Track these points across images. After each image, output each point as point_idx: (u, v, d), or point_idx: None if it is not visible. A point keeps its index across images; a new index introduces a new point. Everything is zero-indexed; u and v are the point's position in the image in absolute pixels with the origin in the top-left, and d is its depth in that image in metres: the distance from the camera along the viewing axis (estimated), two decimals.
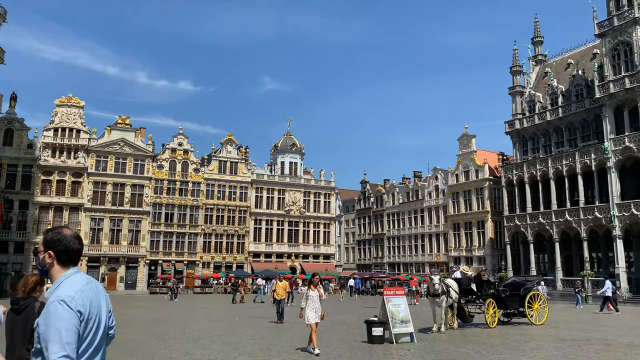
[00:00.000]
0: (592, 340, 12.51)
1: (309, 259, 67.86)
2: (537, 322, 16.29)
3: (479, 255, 56.13)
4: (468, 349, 10.86)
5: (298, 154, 70.34)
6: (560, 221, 47.32)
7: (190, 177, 61.90)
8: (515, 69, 56.22)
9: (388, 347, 11.16)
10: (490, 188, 56.25)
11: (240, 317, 20.49)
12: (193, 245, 61.19)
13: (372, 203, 72.07)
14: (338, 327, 15.90)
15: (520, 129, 53.80)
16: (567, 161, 47.20)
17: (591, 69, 49.11)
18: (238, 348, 11.30)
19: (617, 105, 43.92)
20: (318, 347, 10.25)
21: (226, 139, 65.84)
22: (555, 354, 10.12)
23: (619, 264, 42.74)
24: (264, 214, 66.07)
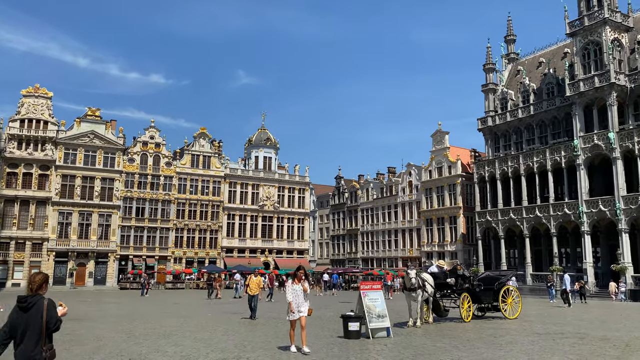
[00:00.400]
0: (565, 333, 12.62)
1: (283, 255, 67.58)
2: (510, 316, 16.41)
3: (450, 250, 56.74)
4: (444, 343, 10.80)
5: (272, 148, 69.88)
6: (530, 217, 48.13)
7: (162, 171, 60.90)
8: (488, 66, 56.89)
9: (365, 342, 11.02)
10: (462, 184, 56.87)
11: (213, 313, 20.15)
12: (165, 240, 60.28)
13: (346, 198, 72.15)
14: (313, 322, 15.70)
15: (492, 126, 54.49)
16: (537, 158, 48.00)
17: (562, 67, 49.98)
18: (211, 345, 11.02)
19: (586, 103, 44.80)
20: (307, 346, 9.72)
21: (199, 132, 64.95)
22: (531, 347, 10.13)
23: (586, 259, 43.72)
24: (238, 209, 65.47)
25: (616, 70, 42.87)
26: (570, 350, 9.71)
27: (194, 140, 64.96)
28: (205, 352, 9.89)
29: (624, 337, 11.88)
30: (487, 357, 8.98)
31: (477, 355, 9.09)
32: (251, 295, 17.47)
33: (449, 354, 9.29)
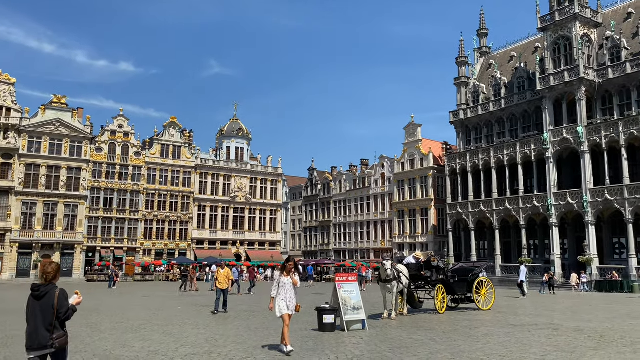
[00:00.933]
0: (539, 325, 12.63)
1: (255, 246, 67.11)
2: (484, 307, 16.42)
3: (421, 241, 57.18)
4: (421, 335, 10.64)
5: (245, 139, 69.10)
6: (500, 209, 48.78)
7: (130, 161, 59.57)
8: (460, 59, 57.25)
9: (340, 335, 10.78)
10: (434, 176, 57.29)
11: (183, 306, 19.66)
12: (133, 232, 59.10)
13: (319, 190, 71.97)
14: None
15: (464, 119, 54.93)
16: (508, 151, 48.59)
17: (533, 62, 50.58)
18: (180, 339, 10.61)
19: (556, 97, 45.48)
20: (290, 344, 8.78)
21: (169, 121, 63.73)
22: (508, 339, 10.04)
23: (554, 251, 44.57)
24: (209, 200, 64.63)
25: (585, 65, 43.60)
26: (547, 342, 9.65)
27: (164, 129, 63.70)
28: (174, 347, 9.49)
29: (597, 328, 11.93)
30: (465, 349, 8.83)
31: (455, 348, 8.94)
32: (221, 289, 16.74)
33: (426, 347, 9.11)
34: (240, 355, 8.54)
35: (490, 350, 8.75)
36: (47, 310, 5.07)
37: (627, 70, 41.93)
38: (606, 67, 43.42)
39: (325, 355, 8.37)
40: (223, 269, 17.47)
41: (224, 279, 16.92)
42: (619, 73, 42.53)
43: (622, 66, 42.42)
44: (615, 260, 42.21)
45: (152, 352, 8.95)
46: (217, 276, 17.24)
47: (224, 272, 17.19)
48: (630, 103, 42.21)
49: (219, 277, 17.08)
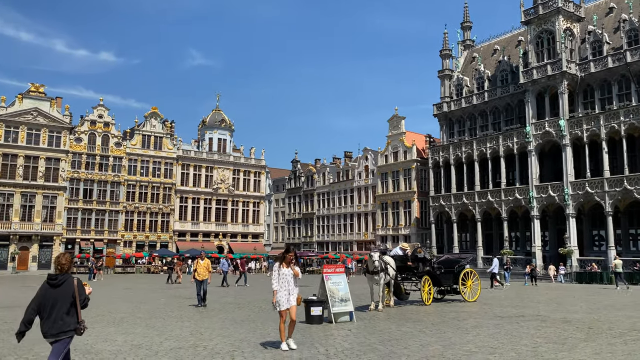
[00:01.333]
0: (526, 316, 12.62)
1: (237, 238, 66.73)
2: (470, 299, 16.41)
3: (404, 234, 57.36)
4: (409, 327, 10.53)
5: (227, 130, 68.46)
6: (482, 201, 49.10)
7: (111, 152, 58.63)
8: (445, 52, 57.29)
9: (328, 328, 10.61)
10: (417, 169, 57.43)
11: (166, 298, 19.33)
12: (114, 223, 58.27)
13: (302, 182, 71.72)
14: (271, 307, 15.21)
15: (447, 112, 55.08)
16: (491, 144, 48.87)
17: (516, 55, 50.83)
18: (164, 332, 10.33)
19: (539, 91, 45.79)
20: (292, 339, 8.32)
21: (150, 112, 62.81)
22: (497, 331, 9.98)
23: (535, 243, 45.03)
24: (191, 192, 64.00)
25: (568, 59, 43.91)
26: (537, 334, 9.60)
27: (145, 120, 62.78)
28: (158, 341, 9.22)
29: (584, 319, 11.95)
30: (456, 341, 8.73)
31: (445, 340, 8.83)
32: (199, 280, 16.09)
33: (416, 339, 8.99)
34: (227, 349, 8.32)
35: (481, 342, 8.65)
36: (67, 298, 5.39)
37: (609, 65, 42.33)
38: (588, 61, 43.79)
39: (314, 348, 8.19)
40: (203, 260, 16.81)
41: (203, 270, 16.28)
42: (601, 67, 42.93)
43: (603, 60, 42.82)
44: (595, 252, 42.81)
45: (135, 346, 8.68)
46: (196, 267, 16.59)
47: (203, 263, 16.54)
48: (611, 97, 42.66)
49: (198, 268, 16.42)
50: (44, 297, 5.44)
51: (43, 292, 5.47)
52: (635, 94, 41.15)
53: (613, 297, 20.38)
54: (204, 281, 16.11)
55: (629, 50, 41.29)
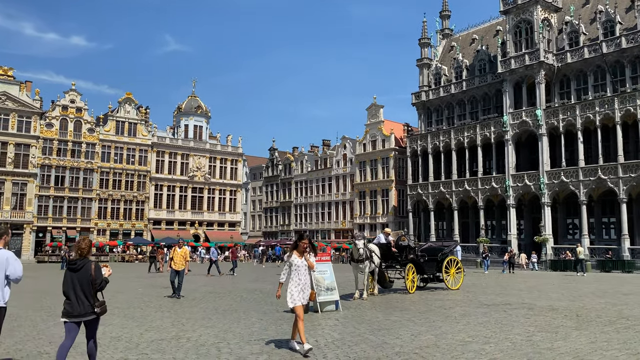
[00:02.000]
0: (513, 304, 12.55)
1: (214, 227, 66.00)
2: (453, 286, 16.34)
3: (382, 222, 57.52)
4: (397, 316, 10.32)
5: (203, 117, 67.37)
6: (459, 190, 49.44)
7: (83, 138, 57.17)
8: (423, 41, 57.20)
9: (315, 317, 10.33)
10: (395, 158, 57.51)
11: (144, 288, 18.80)
12: (87, 211, 56.98)
13: (280, 171, 71.21)
14: (254, 297, 14.88)
15: (426, 101, 55.15)
16: (468, 133, 49.11)
17: (494, 44, 51.04)
18: (144, 323, 9.91)
19: (516, 80, 46.08)
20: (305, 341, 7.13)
21: (124, 97, 61.34)
22: (486, 319, 9.84)
23: (511, 231, 45.57)
24: (166, 180, 62.96)
25: (545, 49, 44.22)
26: (527, 322, 9.49)
27: (119, 105, 61.32)
28: (138, 332, 8.80)
29: (570, 307, 11.93)
30: (447, 330, 8.54)
31: (436, 329, 8.63)
32: (175, 270, 14.92)
33: (406, 328, 8.77)
34: (212, 340, 7.97)
35: (473, 331, 8.48)
36: (85, 282, 5.76)
37: (585, 55, 42.78)
38: (565, 52, 44.20)
39: None
40: (180, 248, 15.60)
41: (179, 259, 15.12)
42: (577, 58, 43.37)
43: (580, 51, 43.25)
44: (569, 241, 43.52)
45: (114, 338, 8.26)
46: (173, 255, 15.30)
47: (180, 252, 15.38)
48: (587, 87, 43.18)
49: (175, 256, 15.20)
50: (66, 281, 5.86)
51: (66, 276, 5.89)
52: (611, 84, 41.72)
53: (593, 284, 20.63)
54: (180, 272, 14.95)
55: (605, 42, 41.76)
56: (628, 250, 38.36)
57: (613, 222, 41.97)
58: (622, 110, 39.05)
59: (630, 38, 40.73)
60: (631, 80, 40.77)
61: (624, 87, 40.80)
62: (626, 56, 40.94)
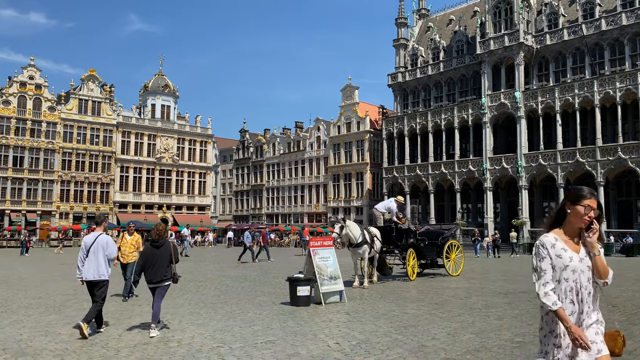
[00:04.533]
0: (529, 292, 11.48)
1: (183, 210, 63.89)
2: (453, 272, 15.28)
3: (356, 205, 56.58)
4: (414, 309, 9.09)
5: (171, 96, 64.73)
6: (436, 173, 48.75)
7: (44, 117, 54.03)
8: (400, 20, 55.94)
9: (319, 311, 8.99)
10: (370, 140, 56.44)
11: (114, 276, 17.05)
12: (48, 194, 54.08)
13: (251, 153, 69.28)
14: (242, 285, 13.39)
15: (402, 82, 54.07)
16: (445, 115, 48.32)
17: (472, 26, 50.22)
18: (121, 321, 8.39)
19: (495, 62, 45.37)
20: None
21: (87, 74, 58.20)
22: (517, 312, 8.68)
23: (487, 215, 45.21)
24: (132, 161, 60.39)
25: (525, 30, 43.55)
26: None
27: (81, 83, 58.14)
28: (115, 334, 7.30)
29: None
30: (485, 327, 7.32)
31: (471, 326, 7.41)
32: (124, 263, 11.24)
33: (435, 325, 7.52)
34: (209, 344, 6.53)
35: (514, 328, 7.29)
36: (166, 256, 7.36)
37: (564, 37, 42.33)
38: (544, 33, 43.66)
39: (320, 341, 6.54)
40: (131, 235, 11.52)
41: (130, 249, 11.31)
42: (556, 39, 42.90)
43: (559, 33, 42.77)
44: None
45: (87, 343, 6.74)
46: (121, 245, 11.26)
47: (130, 240, 11.43)
48: (565, 70, 42.83)
49: (123, 246, 11.29)
50: (147, 255, 7.43)
51: (148, 251, 7.49)
52: (589, 67, 41.41)
53: None
54: (130, 265, 11.17)
55: (584, 23, 41.34)
56: (605, 233, 38.32)
57: None
58: (601, 94, 38.76)
59: (609, 20, 40.39)
60: (610, 63, 40.55)
61: (603, 69, 40.55)
62: (605, 39, 40.63)
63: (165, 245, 7.48)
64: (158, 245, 7.45)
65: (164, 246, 7.45)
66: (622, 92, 37.85)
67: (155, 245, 7.45)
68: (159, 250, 7.39)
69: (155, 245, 7.46)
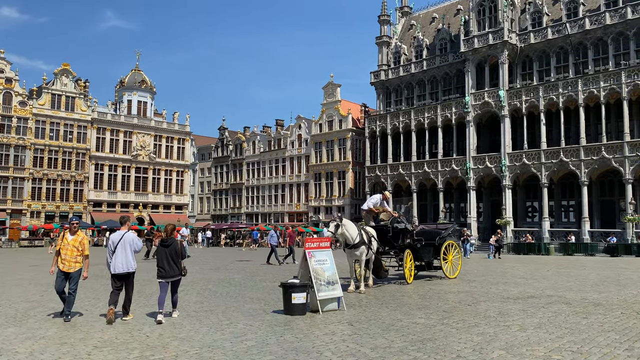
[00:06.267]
0: (538, 297, 10.67)
1: (159, 210, 62.29)
2: (451, 275, 14.46)
3: (338, 204, 55.78)
4: (422, 317, 8.18)
5: (148, 92, 63.02)
6: (419, 172, 48.19)
7: (14, 112, 51.99)
8: (383, 18, 55.27)
9: (318, 320, 8.01)
10: (352, 139, 55.72)
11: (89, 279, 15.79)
12: (19, 192, 52.05)
13: (230, 151, 67.90)
14: (226, 290, 12.30)
15: (384, 80, 53.40)
16: (429, 114, 47.78)
17: (455, 24, 49.81)
18: (90, 335, 7.29)
19: (479, 60, 44.97)
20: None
21: (61, 68, 56.21)
22: (537, 320, 7.85)
23: (471, 214, 44.78)
24: (107, 158, 58.60)
25: (509, 29, 43.22)
26: (589, 322, 7.56)
27: (54, 77, 56.09)
28: (84, 351, 6.22)
29: (611, 300, 10.21)
30: (511, 341, 6.42)
31: (495, 339, 6.51)
32: (64, 272, 8.52)
33: (455, 338, 6.62)
34: None
35: (543, 340, 6.43)
36: (174, 254, 8.44)
37: (548, 36, 42.12)
38: (528, 32, 43.40)
39: (325, 358, 5.58)
40: (73, 234, 8.77)
41: (71, 254, 8.58)
42: (540, 38, 42.67)
43: (543, 32, 42.55)
44: (528, 224, 43.23)
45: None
46: (60, 247, 8.64)
47: (72, 241, 8.66)
48: (549, 69, 42.64)
49: (64, 249, 8.59)
50: (160, 253, 8.46)
51: (159, 250, 8.49)
52: (573, 66, 41.27)
53: (579, 270, 19.40)
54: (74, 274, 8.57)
55: (568, 22, 41.16)
56: (588, 233, 38.19)
57: (572, 205, 41.87)
58: (585, 93, 38.59)
59: (593, 20, 40.26)
60: (594, 63, 40.44)
61: (587, 69, 40.42)
62: (589, 38, 40.51)
63: (173, 244, 8.45)
64: (167, 244, 8.44)
65: (172, 245, 8.44)
66: (606, 91, 37.73)
67: (164, 245, 8.44)
68: (168, 249, 8.37)
69: (164, 244, 8.45)
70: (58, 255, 8.69)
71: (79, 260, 8.68)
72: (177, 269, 8.35)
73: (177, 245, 8.45)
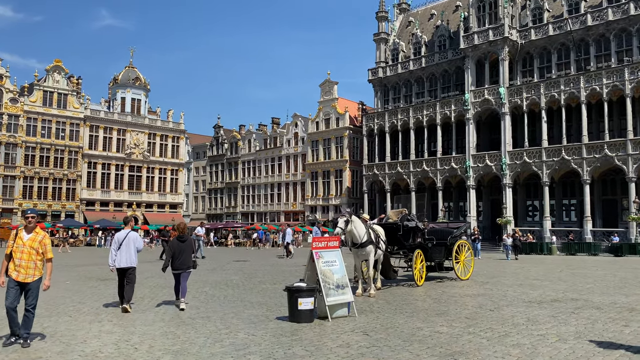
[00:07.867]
0: (562, 300, 9.88)
1: (154, 209, 61.23)
2: (463, 276, 13.65)
3: (335, 203, 54.96)
4: (444, 324, 7.37)
5: (142, 89, 61.96)
6: (417, 171, 47.43)
7: (5, 109, 50.87)
8: (381, 14, 54.47)
9: (328, 329, 7.18)
10: (350, 137, 54.93)
11: (74, 280, 14.97)
12: (10, 190, 50.93)
13: (225, 150, 66.94)
14: (224, 294, 11.43)
15: (382, 78, 52.62)
16: (428, 112, 47.03)
17: (454, 21, 49.10)
18: (71, 345, 6.43)
19: (479, 57, 44.25)
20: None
21: (53, 65, 55.06)
22: (572, 329, 7.05)
23: (470, 213, 44.05)
24: (100, 157, 57.52)
25: (509, 25, 42.53)
26: (638, 331, 6.78)
27: (46, 74, 54.97)
28: (71, 358, 5.38)
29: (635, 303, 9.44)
30: (553, 355, 5.63)
31: (535, 353, 5.67)
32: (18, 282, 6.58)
33: (487, 350, 5.78)
34: None
35: (593, 355, 5.64)
36: (189, 248, 9.66)
37: (549, 32, 41.43)
38: (529, 28, 42.72)
39: None
40: (30, 233, 6.95)
41: (28, 258, 6.68)
42: (541, 35, 41.99)
43: (544, 28, 41.87)
44: (529, 223, 42.54)
45: None
46: (12, 249, 6.73)
47: (29, 241, 6.81)
48: (550, 66, 41.95)
49: (17, 252, 6.68)
50: (175, 247, 9.59)
51: (175, 244, 9.65)
52: (575, 63, 40.61)
53: (588, 269, 18.66)
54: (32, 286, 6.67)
55: (570, 18, 40.50)
56: (590, 232, 37.53)
57: (573, 203, 41.25)
58: (588, 90, 37.92)
59: (595, 15, 39.60)
60: (596, 59, 39.78)
61: (589, 65, 39.77)
62: (591, 34, 39.84)
63: (188, 240, 9.71)
64: (184, 240, 9.63)
65: (187, 241, 9.66)
66: (608, 88, 37.07)
67: (181, 240, 9.60)
68: (184, 244, 9.57)
69: (181, 240, 9.61)
70: (9, 260, 6.59)
71: (39, 266, 6.67)
72: (190, 262, 9.57)
73: (192, 241, 9.87)
